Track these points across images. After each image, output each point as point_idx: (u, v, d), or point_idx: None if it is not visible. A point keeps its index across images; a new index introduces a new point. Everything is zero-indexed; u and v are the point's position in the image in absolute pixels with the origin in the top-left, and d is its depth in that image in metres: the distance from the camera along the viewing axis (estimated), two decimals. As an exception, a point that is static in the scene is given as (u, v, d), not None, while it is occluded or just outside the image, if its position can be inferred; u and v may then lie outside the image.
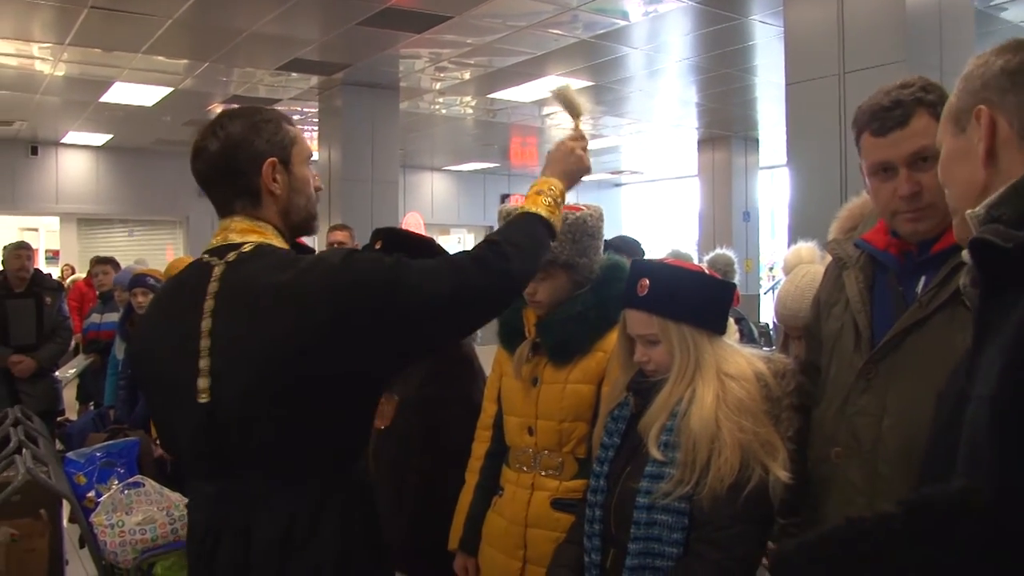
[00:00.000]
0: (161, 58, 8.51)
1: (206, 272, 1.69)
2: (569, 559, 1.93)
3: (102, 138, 13.53)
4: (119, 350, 5.30)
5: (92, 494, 3.15)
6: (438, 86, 10.05)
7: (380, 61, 8.72)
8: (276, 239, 1.75)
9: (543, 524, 2.15)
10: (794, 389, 1.80)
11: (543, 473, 2.19)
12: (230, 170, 1.72)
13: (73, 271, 13.25)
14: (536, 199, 1.82)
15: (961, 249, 1.19)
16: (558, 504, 2.15)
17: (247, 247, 1.69)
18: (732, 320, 1.97)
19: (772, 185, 16.12)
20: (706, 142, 14.15)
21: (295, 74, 9.30)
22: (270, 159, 1.73)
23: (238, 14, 7.19)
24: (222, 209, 1.76)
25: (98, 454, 3.35)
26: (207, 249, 1.75)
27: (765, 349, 2.04)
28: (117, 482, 3.17)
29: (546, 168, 1.92)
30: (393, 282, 1.58)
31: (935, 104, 1.61)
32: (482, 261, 1.65)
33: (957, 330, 1.56)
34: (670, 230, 18.53)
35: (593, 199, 2.49)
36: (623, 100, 10.88)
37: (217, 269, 1.68)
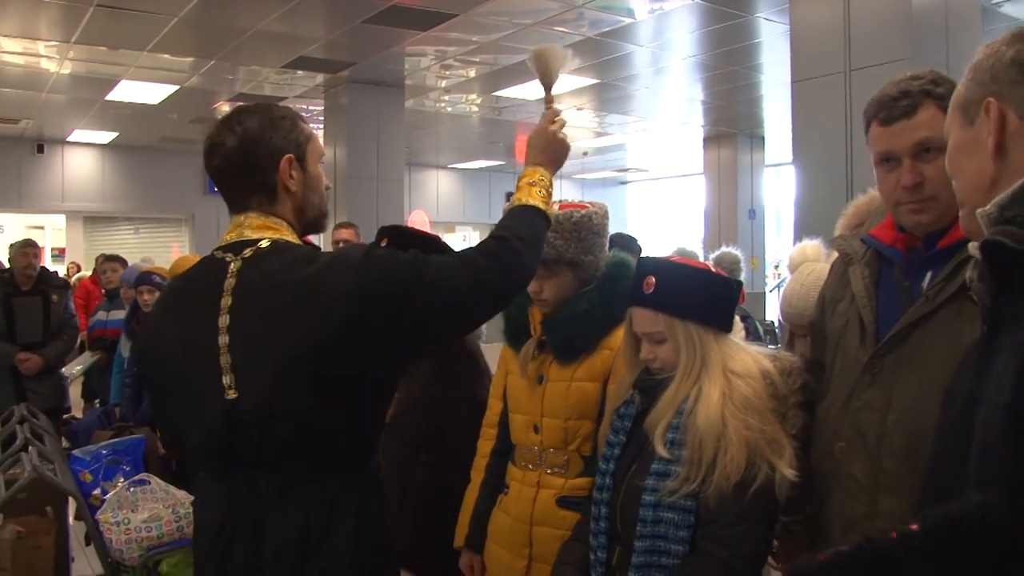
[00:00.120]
0: (167, 56, 8.53)
1: (221, 269, 1.68)
2: (575, 557, 1.93)
3: (108, 136, 13.56)
4: (125, 348, 5.30)
5: (98, 492, 3.15)
6: (443, 84, 10.05)
7: (385, 59, 8.72)
8: (291, 236, 1.74)
9: (549, 522, 2.15)
10: (800, 387, 1.80)
11: (549, 471, 2.19)
12: (247, 165, 1.71)
13: (79, 269, 13.29)
14: (531, 191, 1.84)
15: (967, 243, 1.18)
16: (564, 502, 2.14)
17: (264, 243, 1.69)
18: (738, 318, 1.96)
19: (778, 183, 16.10)
20: (712, 140, 14.13)
21: (300, 72, 9.31)
22: (287, 155, 1.73)
23: (243, 12, 7.20)
24: (236, 205, 1.75)
25: (104, 452, 3.35)
26: (220, 245, 1.74)
27: (771, 347, 2.04)
28: (123, 480, 3.17)
29: (531, 156, 1.92)
30: (413, 279, 1.59)
31: (944, 97, 1.59)
32: (494, 257, 1.68)
33: (963, 324, 1.55)
34: (675, 228, 18.51)
35: (598, 197, 2.50)
36: (628, 98, 10.87)
37: (233, 265, 1.67)
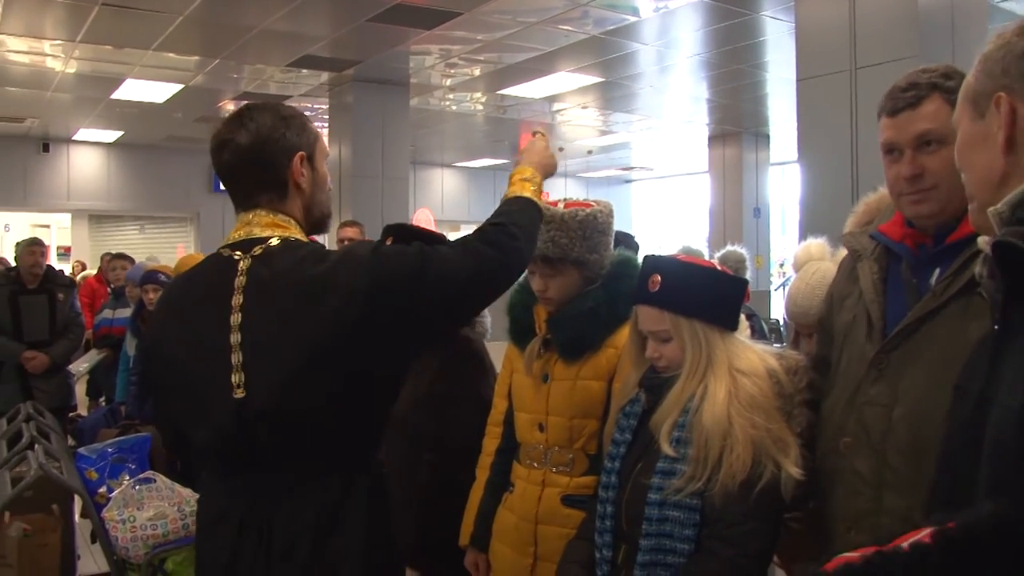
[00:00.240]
0: (172, 55, 8.54)
1: (230, 267, 1.68)
2: (580, 555, 1.93)
3: (113, 135, 13.58)
4: (130, 346, 5.32)
5: (104, 489, 3.16)
6: (448, 82, 10.05)
7: (390, 57, 8.72)
8: (299, 234, 1.75)
9: (554, 520, 2.15)
10: (806, 385, 1.79)
11: (554, 469, 2.19)
12: (260, 162, 1.71)
13: (84, 267, 13.31)
14: (523, 185, 1.89)
15: (975, 239, 1.17)
16: (569, 500, 2.14)
17: (274, 241, 1.69)
18: (744, 316, 1.95)
19: (783, 181, 16.08)
20: (717, 138, 14.11)
21: (305, 71, 9.32)
22: (300, 152, 1.74)
23: (248, 11, 7.21)
24: (244, 202, 1.76)
25: (110, 450, 3.36)
26: (227, 244, 1.74)
27: (776, 346, 2.03)
28: (128, 478, 3.18)
29: (522, 160, 1.98)
30: (420, 273, 1.61)
31: (953, 91, 1.54)
32: (494, 243, 1.71)
33: (971, 320, 1.54)
34: (680, 226, 18.49)
35: (603, 195, 2.50)
36: (633, 96, 10.86)
37: (243, 263, 1.67)
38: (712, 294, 1.83)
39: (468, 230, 1.81)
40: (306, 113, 1.83)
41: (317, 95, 10.43)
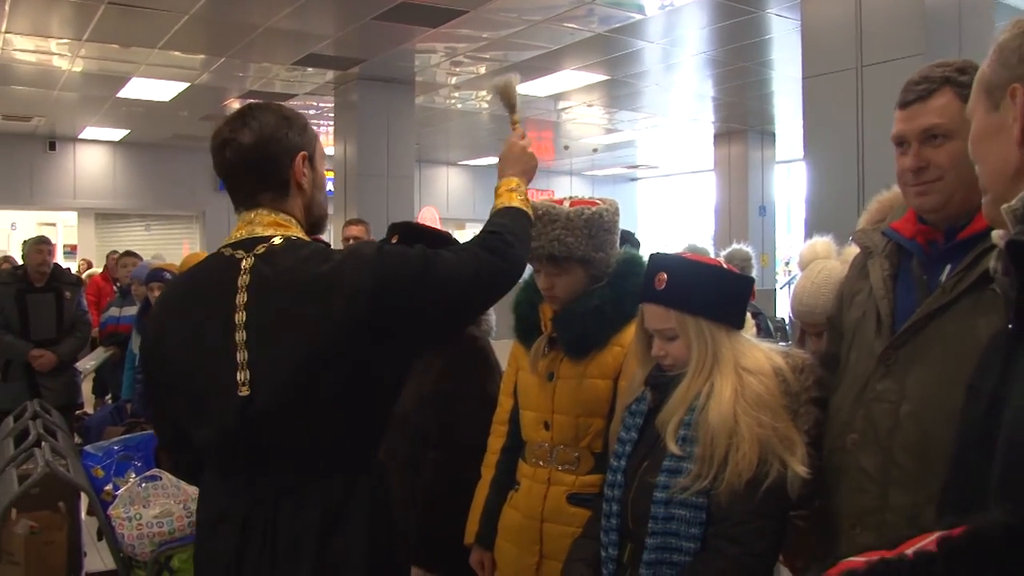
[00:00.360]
0: (178, 53, 8.55)
1: (232, 266, 1.68)
2: (586, 554, 1.93)
3: (119, 133, 13.61)
4: (136, 344, 5.33)
5: (110, 487, 3.17)
6: (453, 80, 10.05)
7: (396, 56, 8.72)
8: (300, 233, 1.75)
9: (559, 519, 2.15)
10: (813, 383, 1.79)
11: (559, 468, 2.18)
12: (263, 161, 1.72)
13: (90, 265, 13.33)
14: (511, 195, 1.93)
15: (987, 235, 1.15)
16: (574, 499, 2.14)
17: (277, 240, 1.69)
18: (750, 314, 1.95)
19: (788, 179, 16.05)
20: (722, 136, 14.09)
21: (311, 69, 9.33)
22: (302, 152, 1.75)
23: (254, 9, 7.22)
24: (245, 201, 1.76)
25: (116, 447, 3.37)
26: (229, 243, 1.74)
27: (781, 344, 2.03)
28: (134, 475, 3.19)
29: (505, 169, 2.00)
30: (423, 275, 1.63)
31: (967, 86, 1.51)
32: (491, 249, 1.74)
33: (980, 316, 1.54)
34: (686, 225, 18.47)
35: (608, 193, 2.50)
36: (639, 94, 10.85)
37: (246, 262, 1.67)
38: (718, 292, 1.82)
39: (473, 228, 1.84)
40: (311, 111, 1.84)
41: (322, 93, 10.43)
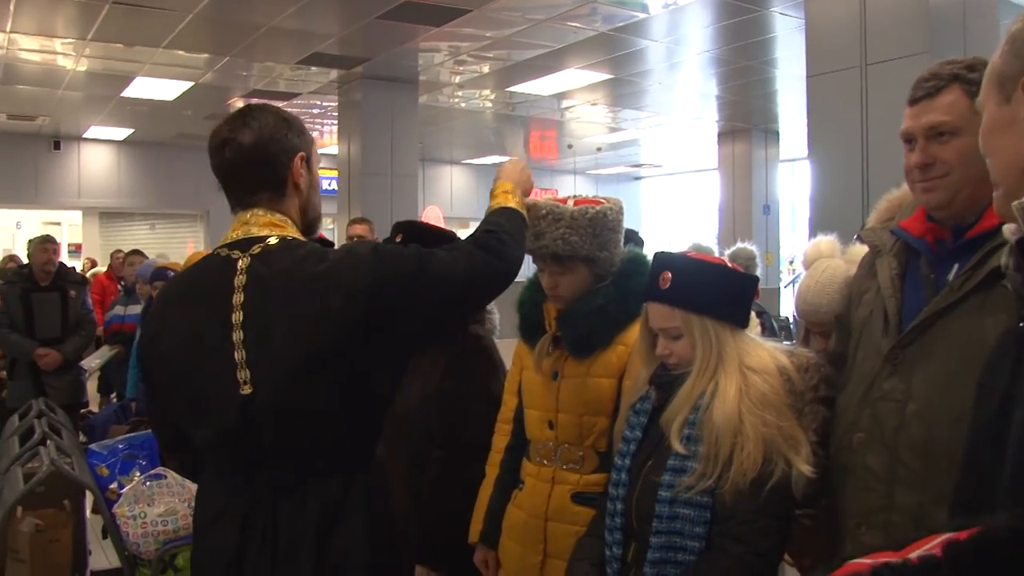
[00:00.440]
0: (182, 52, 8.56)
1: (228, 266, 1.69)
2: (590, 553, 1.93)
3: (124, 132, 13.63)
4: (140, 343, 5.33)
5: (115, 485, 3.18)
6: (457, 80, 10.05)
7: (399, 55, 8.73)
8: (296, 233, 1.76)
9: (563, 518, 2.15)
10: (819, 382, 1.79)
11: (563, 467, 2.18)
12: (262, 161, 1.72)
13: (94, 264, 13.35)
14: (507, 197, 1.96)
15: (995, 234, 1.14)
16: (578, 498, 2.14)
17: (272, 240, 1.70)
18: (754, 314, 1.95)
19: (792, 178, 16.02)
20: (726, 135, 14.08)
21: (315, 68, 9.33)
22: (300, 153, 1.76)
23: (258, 8, 7.22)
24: (241, 201, 1.77)
25: (120, 446, 3.37)
26: (225, 243, 1.75)
27: (786, 343, 2.03)
28: (139, 474, 3.20)
29: (502, 176, 2.04)
30: (418, 274, 1.65)
31: (976, 83, 1.46)
32: (489, 248, 1.76)
33: (987, 315, 1.53)
34: (690, 223, 18.45)
35: (612, 192, 2.50)
36: (642, 93, 10.84)
37: (242, 262, 1.68)
38: (722, 291, 1.82)
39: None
40: (315, 110, 1.86)
41: (326, 92, 10.44)
